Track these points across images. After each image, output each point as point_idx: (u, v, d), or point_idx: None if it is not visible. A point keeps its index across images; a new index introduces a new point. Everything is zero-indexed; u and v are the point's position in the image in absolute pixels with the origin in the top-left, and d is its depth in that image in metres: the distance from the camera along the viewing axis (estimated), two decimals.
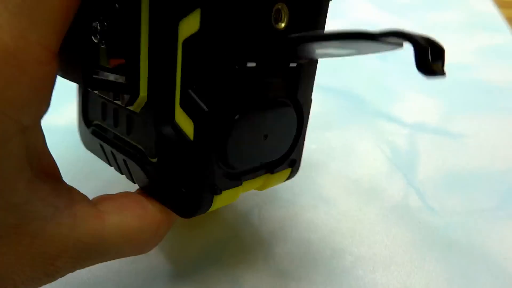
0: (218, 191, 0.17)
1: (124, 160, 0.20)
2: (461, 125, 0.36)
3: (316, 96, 0.21)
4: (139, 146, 0.18)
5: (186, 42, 0.15)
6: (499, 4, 0.58)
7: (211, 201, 0.17)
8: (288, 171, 0.21)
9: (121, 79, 0.17)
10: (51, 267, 0.15)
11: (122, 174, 0.21)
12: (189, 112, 0.16)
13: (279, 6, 0.16)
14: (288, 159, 0.20)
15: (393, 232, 0.27)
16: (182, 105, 0.16)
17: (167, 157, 0.17)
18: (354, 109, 0.37)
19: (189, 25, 0.15)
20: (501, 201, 0.30)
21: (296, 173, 0.22)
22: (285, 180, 0.21)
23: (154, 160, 0.18)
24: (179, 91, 0.16)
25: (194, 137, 0.16)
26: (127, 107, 0.18)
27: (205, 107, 0.15)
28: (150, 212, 0.18)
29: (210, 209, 0.18)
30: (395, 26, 0.50)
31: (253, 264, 0.25)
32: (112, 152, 0.20)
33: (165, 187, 0.18)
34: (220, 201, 0.18)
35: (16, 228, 0.13)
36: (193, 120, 0.16)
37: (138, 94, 0.17)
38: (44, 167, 0.15)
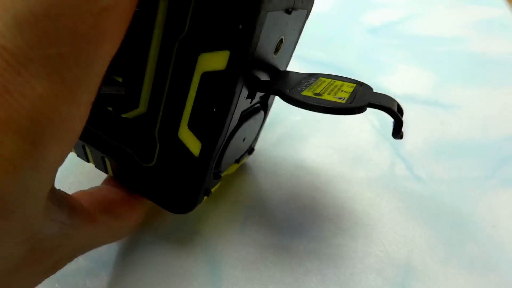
0: (209, 193, 0.20)
1: (103, 157, 0.20)
2: (453, 96, 0.35)
3: (305, 70, 0.21)
4: (128, 149, 0.19)
5: (206, 75, 0.15)
6: None
7: (202, 200, 0.20)
8: (246, 157, 0.25)
9: (118, 90, 0.17)
10: (53, 270, 0.16)
11: (93, 164, 0.22)
12: (198, 134, 0.17)
13: (282, 37, 0.18)
14: (249, 148, 0.23)
15: (377, 201, 0.26)
16: (190, 126, 0.17)
17: (166, 165, 0.18)
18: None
19: (213, 62, 0.15)
20: (491, 170, 0.28)
21: (251, 154, 0.25)
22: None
23: (150, 164, 0.18)
24: (188, 114, 0.16)
25: (200, 154, 0.17)
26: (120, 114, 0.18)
27: (217, 134, 0.17)
28: (136, 213, 0.20)
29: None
30: (389, 1, 0.49)
31: (228, 235, 0.24)
32: (84, 147, 0.21)
33: (157, 188, 0.19)
34: (204, 198, 0.21)
35: (31, 251, 0.14)
36: (201, 142, 0.17)
37: (136, 107, 0.17)
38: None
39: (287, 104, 0.17)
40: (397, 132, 0.17)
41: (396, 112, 0.16)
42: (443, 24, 0.45)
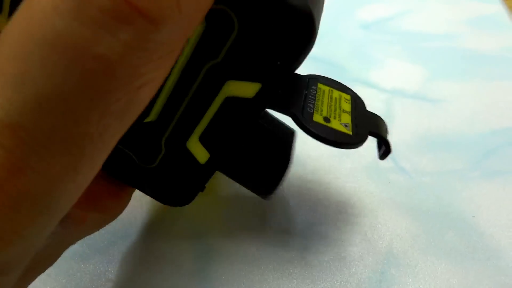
0: (204, 188, 0.20)
1: None
2: (441, 91, 0.35)
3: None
4: (126, 150, 0.19)
5: (230, 99, 0.15)
6: None
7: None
8: None
9: None
10: (42, 271, 0.16)
11: None
12: (209, 148, 0.17)
13: None
14: None
15: (361, 190, 0.27)
16: (201, 140, 0.17)
17: (168, 168, 0.18)
18: (332, 77, 0.37)
19: (241, 90, 0.15)
20: (475, 163, 0.29)
21: None
22: None
23: (152, 166, 0.19)
24: (202, 129, 0.17)
25: (206, 163, 0.18)
26: None
27: (229, 150, 0.17)
28: (120, 201, 0.20)
29: None
30: None
31: (216, 223, 0.25)
32: None
33: (154, 184, 0.19)
34: None
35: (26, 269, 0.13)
36: (210, 153, 0.17)
37: (147, 116, 0.17)
38: None
39: None
40: (385, 157, 0.20)
41: (389, 143, 0.19)
42: (436, 20, 0.46)
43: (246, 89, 0.15)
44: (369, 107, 0.33)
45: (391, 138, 0.31)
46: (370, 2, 0.48)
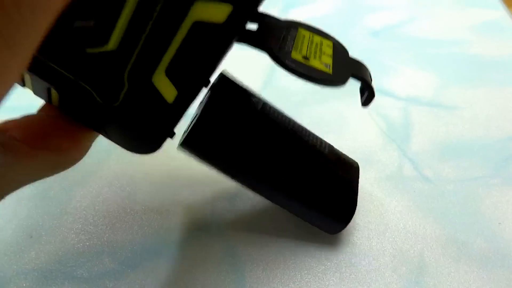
0: (173, 135, 0.18)
1: (49, 89, 0.18)
2: (455, 98, 0.36)
3: None
4: (86, 86, 0.17)
5: (198, 24, 0.14)
6: None
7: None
8: None
9: (88, 23, 0.16)
10: None
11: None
12: (177, 82, 0.16)
13: None
14: None
15: (388, 200, 0.27)
16: (168, 73, 0.16)
17: (132, 107, 0.17)
18: (347, 84, 0.37)
19: (210, 13, 0.14)
20: (494, 170, 0.30)
21: None
22: None
23: (115, 104, 0.17)
24: (168, 60, 0.15)
25: (174, 102, 0.16)
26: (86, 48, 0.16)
27: (199, 85, 0.16)
28: (79, 143, 0.18)
29: None
30: (389, 4, 0.50)
31: (248, 234, 0.25)
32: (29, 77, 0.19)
33: (117, 127, 0.18)
34: None
35: None
36: (178, 90, 0.16)
37: (105, 43, 0.16)
38: None
39: (296, 107, 0.18)
40: (368, 103, 0.20)
41: (372, 88, 0.19)
42: (442, 26, 0.46)
43: (216, 12, 0.14)
44: (386, 117, 0.33)
45: (412, 146, 0.31)
46: (376, 10, 0.49)
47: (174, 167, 0.29)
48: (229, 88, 0.22)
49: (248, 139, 0.21)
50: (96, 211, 0.26)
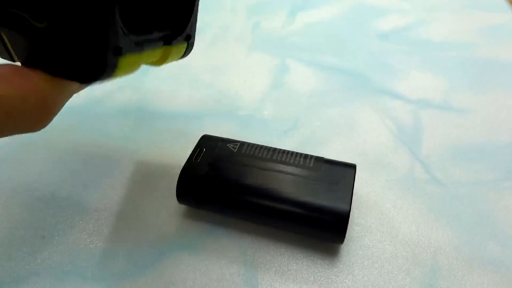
0: (122, 52, 0.16)
1: (2, 40, 0.18)
2: (465, 101, 0.36)
3: (320, 74, 0.21)
4: (23, 14, 0.16)
5: None
6: None
7: (115, 63, 0.17)
8: (184, 45, 0.22)
9: None
10: None
11: None
12: None
13: None
14: (184, 33, 0.22)
15: (400, 203, 0.27)
16: None
17: (62, 19, 0.15)
18: (357, 87, 0.37)
19: None
20: (506, 173, 0.29)
21: (192, 48, 0.23)
22: (183, 56, 0.23)
23: (43, 25, 0.16)
24: None
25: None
26: None
27: None
28: (31, 81, 0.16)
29: (114, 74, 0.17)
30: (396, 8, 0.50)
31: (259, 237, 0.25)
32: None
33: (58, 53, 0.16)
34: (124, 66, 0.17)
35: None
36: None
37: None
38: None
39: (306, 109, 0.17)
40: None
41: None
42: (449, 29, 0.46)
43: None
44: (397, 119, 0.33)
45: (423, 149, 0.31)
46: (384, 13, 0.49)
47: None
48: (207, 140, 0.27)
49: (229, 177, 0.25)
50: (108, 212, 0.26)
